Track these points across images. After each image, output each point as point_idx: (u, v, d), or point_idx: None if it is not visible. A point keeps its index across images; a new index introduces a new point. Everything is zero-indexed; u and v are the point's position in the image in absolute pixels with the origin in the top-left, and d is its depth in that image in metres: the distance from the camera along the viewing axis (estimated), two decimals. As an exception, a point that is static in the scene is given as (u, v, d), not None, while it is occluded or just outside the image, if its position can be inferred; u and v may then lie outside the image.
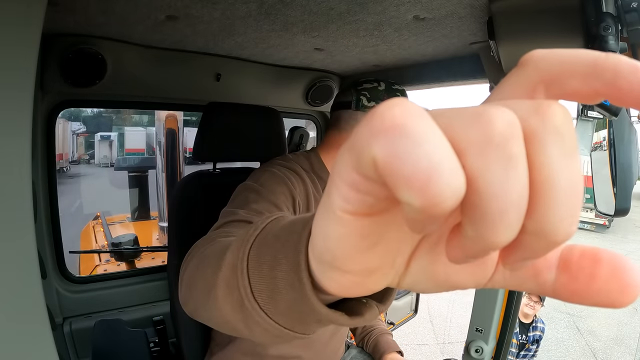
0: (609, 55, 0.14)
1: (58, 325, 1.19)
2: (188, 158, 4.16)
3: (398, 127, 0.12)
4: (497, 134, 0.12)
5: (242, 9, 0.84)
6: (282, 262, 0.25)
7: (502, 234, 0.12)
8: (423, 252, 0.19)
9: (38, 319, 0.46)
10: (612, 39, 0.60)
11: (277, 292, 0.26)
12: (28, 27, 0.44)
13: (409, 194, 0.12)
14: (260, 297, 0.28)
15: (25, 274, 0.45)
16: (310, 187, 0.83)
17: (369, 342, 1.06)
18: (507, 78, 0.16)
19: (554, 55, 0.14)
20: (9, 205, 0.44)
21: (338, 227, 0.16)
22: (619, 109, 0.60)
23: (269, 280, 0.27)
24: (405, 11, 0.83)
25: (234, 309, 0.30)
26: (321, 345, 0.91)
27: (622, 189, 0.69)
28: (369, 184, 0.14)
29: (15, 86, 0.44)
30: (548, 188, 0.12)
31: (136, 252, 1.97)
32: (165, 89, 1.26)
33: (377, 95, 0.88)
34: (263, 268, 0.27)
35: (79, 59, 1.03)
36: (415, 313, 2.25)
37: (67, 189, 8.51)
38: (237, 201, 0.70)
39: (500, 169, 0.12)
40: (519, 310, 1.16)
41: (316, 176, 0.86)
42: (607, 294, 0.15)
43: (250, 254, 0.29)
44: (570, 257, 0.16)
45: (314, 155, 0.89)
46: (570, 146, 0.13)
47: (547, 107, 0.13)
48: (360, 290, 0.20)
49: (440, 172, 0.11)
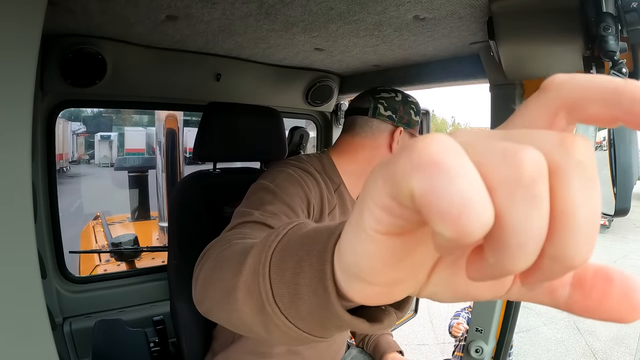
0: (628, 82, 0.14)
1: (58, 325, 1.19)
2: (188, 158, 4.16)
3: (436, 164, 0.13)
4: (526, 176, 0.13)
5: (242, 9, 0.84)
6: (306, 269, 0.26)
7: (520, 262, 0.14)
8: (445, 265, 0.20)
9: (38, 319, 0.46)
10: (612, 39, 0.60)
11: (299, 298, 0.27)
12: (28, 27, 0.44)
13: (442, 225, 0.13)
14: (281, 302, 0.28)
15: (25, 274, 0.45)
16: (324, 189, 0.84)
17: (369, 342, 1.07)
18: (529, 102, 0.16)
19: (574, 81, 0.15)
20: (9, 205, 0.44)
21: (368, 245, 0.17)
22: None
23: (291, 286, 0.28)
24: (405, 11, 0.83)
25: (253, 312, 0.31)
26: (324, 345, 0.91)
27: (622, 189, 0.69)
28: (404, 210, 0.15)
29: (15, 86, 0.44)
30: (568, 219, 0.13)
31: (136, 252, 1.97)
32: (165, 89, 1.26)
33: (393, 105, 0.90)
34: (286, 274, 0.28)
35: (79, 59, 1.02)
36: (415, 313, 2.25)
37: (67, 189, 8.51)
38: (252, 201, 0.69)
39: (525, 208, 0.13)
40: (519, 310, 1.16)
41: (328, 178, 0.87)
42: (619, 311, 0.16)
43: (272, 259, 0.30)
44: (584, 276, 0.17)
45: (326, 157, 0.90)
46: (591, 179, 0.14)
47: (572, 142, 0.14)
48: (383, 300, 0.21)
49: (471, 209, 0.12)
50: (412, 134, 0.93)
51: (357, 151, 0.91)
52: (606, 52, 0.61)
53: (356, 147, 0.91)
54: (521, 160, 0.13)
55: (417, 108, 0.94)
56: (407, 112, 0.92)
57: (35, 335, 0.45)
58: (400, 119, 0.91)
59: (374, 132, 0.90)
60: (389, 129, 0.90)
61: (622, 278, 0.16)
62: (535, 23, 0.77)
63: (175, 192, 1.08)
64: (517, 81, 1.02)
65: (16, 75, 0.44)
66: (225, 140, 1.05)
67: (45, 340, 0.46)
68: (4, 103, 0.43)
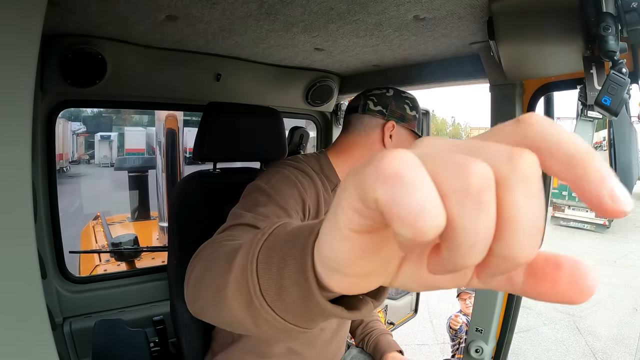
0: (587, 156, 0.16)
1: (58, 325, 1.19)
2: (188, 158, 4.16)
3: (397, 177, 0.15)
4: (474, 186, 0.15)
5: (242, 9, 0.84)
6: (290, 263, 0.29)
7: (471, 259, 0.16)
8: (411, 260, 0.23)
9: (38, 319, 0.46)
10: (612, 39, 0.60)
11: (283, 290, 0.30)
12: (28, 27, 0.44)
13: (402, 228, 0.15)
14: (268, 295, 0.31)
15: (25, 274, 0.45)
16: (321, 189, 0.84)
17: (369, 342, 1.07)
18: (504, 127, 0.19)
19: (545, 130, 0.18)
20: (9, 205, 0.44)
21: (343, 241, 0.20)
22: (619, 109, 0.60)
23: (277, 280, 0.30)
24: (405, 11, 0.83)
25: (242, 307, 0.34)
26: (323, 344, 0.92)
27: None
28: (371, 212, 0.17)
29: (15, 86, 0.44)
30: (512, 223, 0.16)
31: (136, 252, 1.97)
32: (165, 89, 1.26)
33: (383, 100, 0.90)
34: (272, 269, 0.31)
35: (79, 59, 1.02)
36: (415, 313, 2.25)
37: (67, 189, 8.51)
38: (246, 202, 0.71)
39: (473, 214, 0.15)
40: (518, 310, 1.16)
41: (326, 178, 0.87)
42: (568, 295, 0.18)
43: (259, 255, 0.33)
44: (536, 265, 0.19)
45: (323, 157, 0.91)
46: (535, 189, 0.16)
47: (519, 157, 0.16)
48: (359, 289, 0.24)
49: (426, 215, 0.15)
50: (410, 129, 0.92)
51: (352, 149, 0.91)
52: (606, 52, 0.61)
53: (351, 146, 0.91)
54: (470, 172, 0.15)
55: (413, 103, 0.93)
56: (399, 106, 0.91)
57: (35, 335, 0.46)
58: (391, 113, 0.90)
59: (365, 129, 0.90)
60: (380, 123, 0.90)
61: (571, 265, 0.18)
62: (535, 23, 0.77)
63: (175, 192, 1.08)
64: (517, 81, 1.02)
65: (16, 75, 0.44)
66: (225, 140, 1.05)
67: (45, 340, 0.46)
68: (4, 103, 0.43)
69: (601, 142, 0.79)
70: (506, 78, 0.99)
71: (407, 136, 0.92)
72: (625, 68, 0.62)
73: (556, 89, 1.00)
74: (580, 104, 0.76)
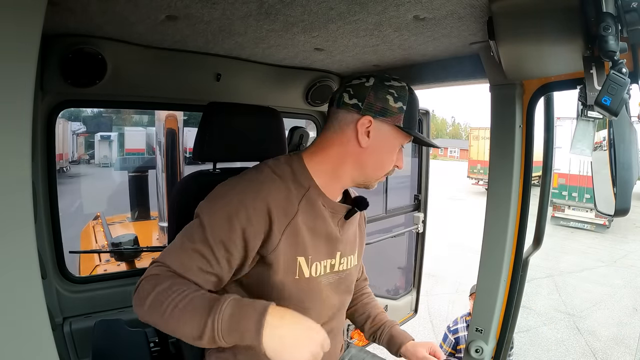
0: None
1: (58, 326, 1.19)
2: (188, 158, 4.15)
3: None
4: None
5: (242, 9, 0.84)
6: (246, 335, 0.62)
7: None
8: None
9: (38, 319, 0.46)
10: (612, 39, 0.60)
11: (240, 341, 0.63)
12: (28, 26, 0.44)
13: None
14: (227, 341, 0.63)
15: (25, 274, 0.45)
16: (284, 203, 0.77)
17: (381, 336, 1.03)
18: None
19: None
20: (9, 205, 0.44)
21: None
22: (619, 109, 0.60)
23: (237, 340, 0.63)
24: (405, 11, 0.83)
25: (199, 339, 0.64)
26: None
27: (622, 189, 0.69)
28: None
29: (15, 86, 0.44)
30: None
31: (136, 252, 1.97)
32: (165, 89, 1.26)
33: (360, 92, 0.79)
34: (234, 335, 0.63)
35: (79, 59, 1.02)
36: (415, 313, 2.25)
37: (67, 189, 8.50)
38: (187, 235, 0.74)
39: None
40: (519, 310, 1.16)
41: (296, 183, 0.80)
42: None
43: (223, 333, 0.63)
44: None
45: (296, 160, 0.83)
46: None
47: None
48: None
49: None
50: (395, 124, 0.79)
51: (327, 148, 0.83)
52: (606, 52, 0.61)
53: (326, 144, 0.83)
54: None
55: (399, 93, 0.79)
56: (380, 98, 0.78)
57: (35, 335, 0.46)
58: (368, 107, 0.78)
59: (341, 125, 0.80)
60: (355, 119, 0.79)
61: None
62: (535, 23, 0.77)
63: (175, 192, 1.08)
64: (517, 81, 1.02)
65: (16, 75, 0.44)
66: (225, 140, 1.04)
67: (45, 340, 0.46)
68: (3, 103, 0.43)
69: (601, 142, 0.79)
70: (506, 78, 0.99)
71: (390, 133, 0.80)
72: (625, 68, 0.62)
73: (556, 89, 1.00)
74: (580, 104, 0.76)
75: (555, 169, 9.02)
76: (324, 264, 0.84)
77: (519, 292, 1.12)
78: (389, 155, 0.83)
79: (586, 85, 0.69)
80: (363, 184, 0.87)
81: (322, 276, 0.83)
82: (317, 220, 0.81)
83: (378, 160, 0.83)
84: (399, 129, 0.80)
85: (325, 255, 0.83)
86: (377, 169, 0.84)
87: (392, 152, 0.83)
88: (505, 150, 1.06)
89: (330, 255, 0.85)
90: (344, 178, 0.84)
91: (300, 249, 0.78)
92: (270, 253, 0.75)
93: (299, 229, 0.78)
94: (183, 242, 0.73)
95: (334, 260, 0.86)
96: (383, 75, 0.81)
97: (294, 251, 0.78)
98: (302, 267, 0.79)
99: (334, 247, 0.85)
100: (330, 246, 0.84)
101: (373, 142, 0.80)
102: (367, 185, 0.87)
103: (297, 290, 0.79)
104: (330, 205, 0.84)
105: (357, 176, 0.84)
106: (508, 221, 1.08)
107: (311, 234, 0.80)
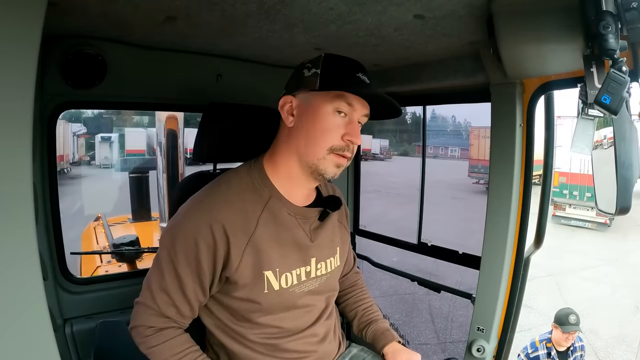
0: None
1: (59, 327, 1.19)
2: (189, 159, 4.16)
3: None
4: None
5: (242, 9, 0.84)
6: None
7: None
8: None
9: (39, 320, 0.46)
10: (611, 38, 0.60)
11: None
12: (28, 28, 0.44)
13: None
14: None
15: (27, 275, 0.45)
16: (251, 210, 0.77)
17: (367, 333, 1.03)
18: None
19: None
20: (10, 206, 0.44)
21: None
22: (618, 107, 0.60)
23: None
24: (405, 10, 0.83)
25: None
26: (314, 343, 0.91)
27: (623, 188, 0.69)
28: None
29: (16, 88, 0.44)
30: None
31: (137, 253, 1.96)
32: (166, 90, 1.26)
33: (289, 80, 0.83)
34: None
35: (79, 61, 1.03)
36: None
37: (68, 190, 8.52)
38: (155, 274, 0.79)
39: None
40: (520, 309, 1.15)
41: (257, 195, 0.79)
42: None
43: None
44: None
45: (256, 170, 0.82)
46: None
47: None
48: None
49: None
50: (314, 89, 0.76)
51: (274, 147, 0.83)
52: (606, 51, 0.61)
53: (274, 144, 0.84)
54: None
55: (314, 63, 0.77)
56: (296, 76, 0.80)
57: (36, 336, 0.46)
58: (287, 90, 0.80)
59: (282, 120, 0.81)
60: (280, 105, 0.80)
61: None
62: (535, 22, 0.77)
63: (176, 193, 1.08)
64: (517, 80, 1.02)
65: (16, 76, 0.44)
66: (226, 140, 1.04)
67: (46, 341, 0.46)
68: (4, 105, 0.43)
69: (601, 141, 0.79)
70: (506, 77, 0.99)
71: (313, 102, 0.76)
72: (625, 66, 0.62)
73: (556, 87, 1.00)
74: (580, 103, 0.76)
75: (556, 168, 9.02)
76: (297, 273, 0.82)
77: (520, 291, 1.12)
78: (321, 125, 0.75)
79: (586, 83, 0.69)
80: (316, 172, 0.78)
81: (296, 285, 0.82)
82: (281, 231, 0.80)
83: (310, 136, 0.76)
84: (321, 94, 0.75)
85: (297, 264, 0.82)
86: (309, 145, 0.76)
87: (322, 121, 0.75)
88: (506, 149, 1.06)
89: (303, 263, 0.83)
90: (296, 176, 0.81)
91: (265, 264, 0.77)
92: (234, 273, 0.76)
93: (261, 243, 0.77)
94: (158, 281, 0.78)
95: (308, 267, 0.84)
96: (305, 60, 0.81)
97: (259, 267, 0.77)
98: (271, 281, 0.78)
99: (306, 254, 0.84)
100: (301, 254, 0.83)
101: (298, 119, 0.77)
102: (318, 171, 0.77)
103: (269, 304, 0.79)
104: (298, 212, 0.82)
105: (299, 164, 0.79)
106: (509, 220, 1.08)
107: (277, 245, 0.79)
